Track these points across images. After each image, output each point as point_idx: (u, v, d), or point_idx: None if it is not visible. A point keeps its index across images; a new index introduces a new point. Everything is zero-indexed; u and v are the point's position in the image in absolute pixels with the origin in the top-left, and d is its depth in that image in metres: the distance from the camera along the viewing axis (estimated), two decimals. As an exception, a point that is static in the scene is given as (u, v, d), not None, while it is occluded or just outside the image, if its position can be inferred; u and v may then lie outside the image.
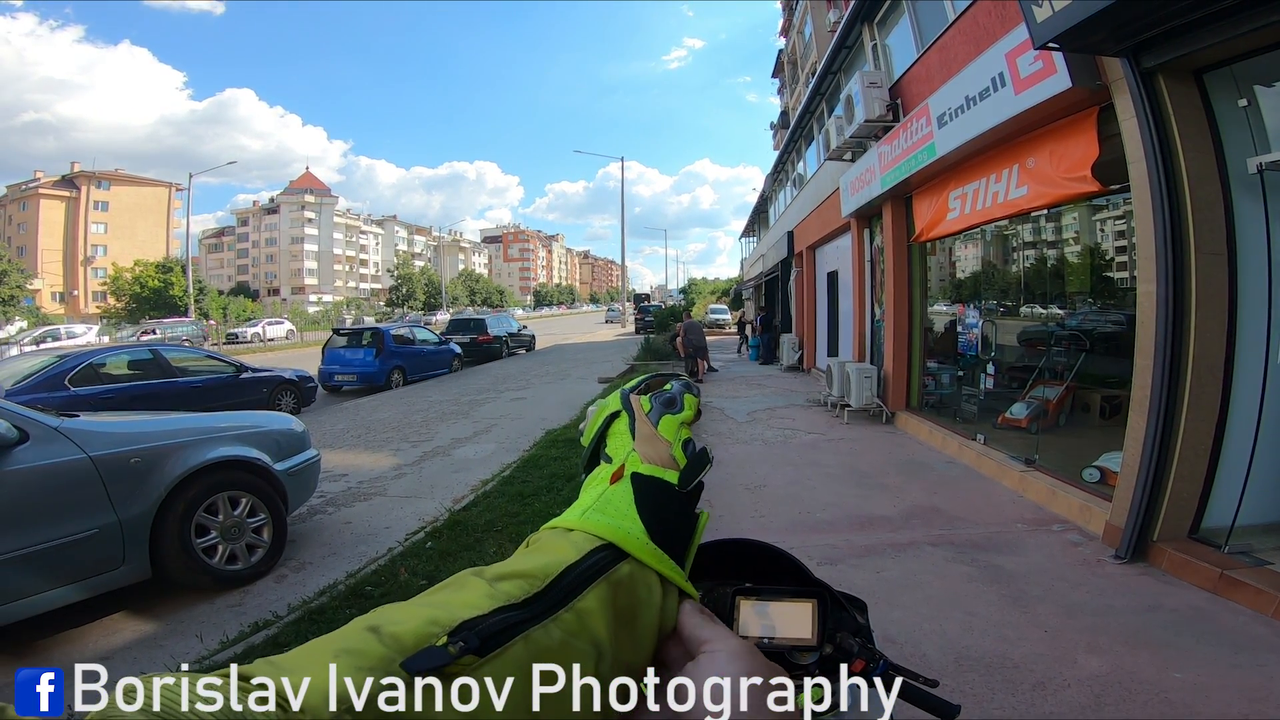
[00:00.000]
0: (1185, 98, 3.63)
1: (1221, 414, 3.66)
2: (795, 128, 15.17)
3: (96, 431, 3.27)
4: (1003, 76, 4.88)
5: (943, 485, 5.53)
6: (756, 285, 24.61)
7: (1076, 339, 5.34)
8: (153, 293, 46.08)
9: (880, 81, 8.19)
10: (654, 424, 0.57)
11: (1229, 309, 3.60)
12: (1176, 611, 3.19)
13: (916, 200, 7.53)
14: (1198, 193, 3.57)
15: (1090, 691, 2.55)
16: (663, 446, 0.56)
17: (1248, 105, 3.49)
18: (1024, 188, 5.27)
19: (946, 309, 7.70)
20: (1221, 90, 3.60)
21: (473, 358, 17.79)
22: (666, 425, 0.56)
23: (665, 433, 0.56)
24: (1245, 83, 3.52)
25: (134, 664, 2.81)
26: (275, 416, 4.64)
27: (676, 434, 0.56)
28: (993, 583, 3.59)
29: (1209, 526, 3.70)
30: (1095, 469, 4.64)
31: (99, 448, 3.16)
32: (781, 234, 17.45)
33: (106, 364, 7.95)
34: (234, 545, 3.68)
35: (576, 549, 0.47)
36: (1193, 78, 3.65)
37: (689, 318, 16.58)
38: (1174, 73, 3.63)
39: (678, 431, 0.56)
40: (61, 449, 3.05)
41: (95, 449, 3.14)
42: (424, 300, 73.62)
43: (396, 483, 5.74)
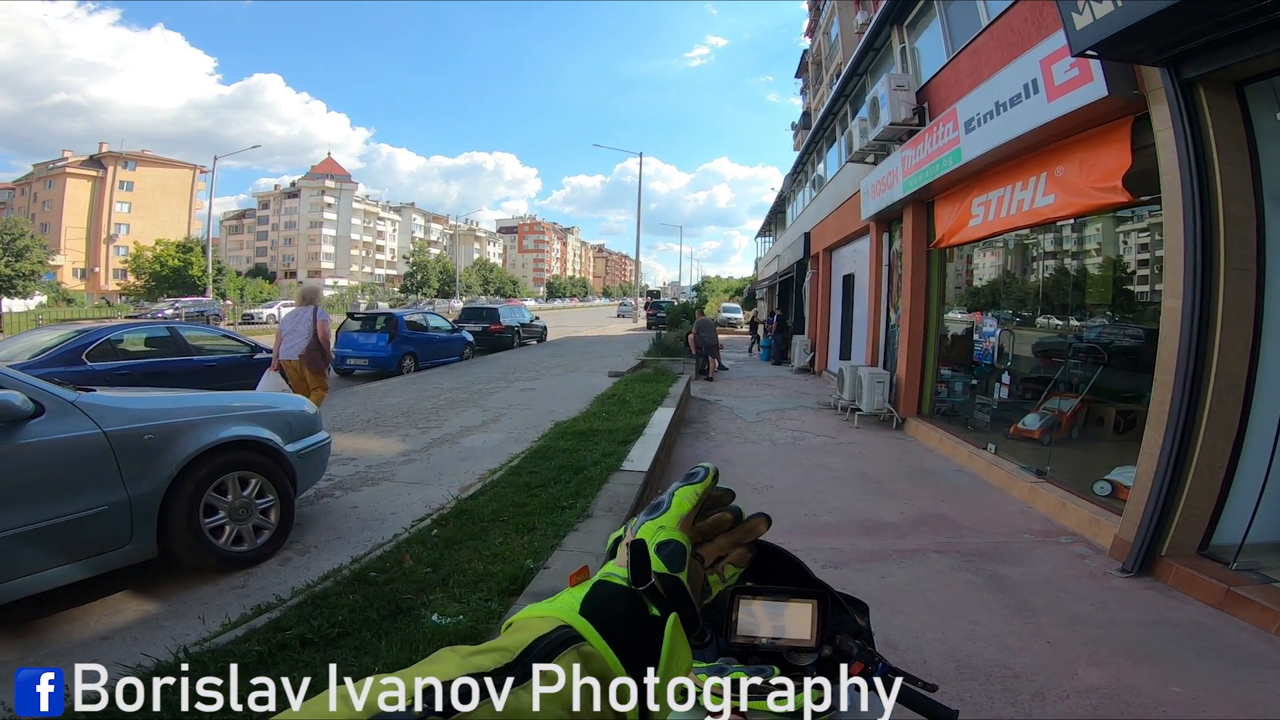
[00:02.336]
0: (1225, 110, 3.55)
1: (1239, 433, 3.60)
2: (817, 129, 15.05)
3: (112, 407, 3.28)
4: (1036, 83, 4.79)
5: (951, 493, 5.48)
6: (771, 285, 24.50)
7: (1094, 352, 5.27)
8: (173, 272, 46.65)
9: (907, 85, 8.10)
10: (634, 533, 0.56)
11: (1255, 327, 3.52)
12: (1180, 626, 3.17)
13: (939, 205, 7.44)
14: (1230, 207, 3.49)
15: (1089, 703, 2.56)
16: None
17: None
18: (1051, 196, 5.18)
19: (963, 316, 7.61)
20: (1263, 103, 3.52)
21: (484, 346, 17.82)
22: (645, 532, 0.56)
23: (642, 534, 0.56)
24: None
25: (134, 644, 2.79)
26: (287, 397, 4.66)
27: (653, 536, 0.55)
28: (998, 592, 3.56)
29: (1218, 543, 3.66)
30: (1107, 482, 4.59)
31: (114, 423, 3.17)
32: (798, 235, 17.34)
33: (124, 340, 8.02)
34: (241, 526, 3.70)
35: (548, 623, 0.48)
36: (1233, 89, 3.57)
37: (702, 315, 16.54)
38: (1214, 84, 3.55)
39: (654, 534, 0.55)
40: (77, 423, 3.06)
41: (110, 425, 3.15)
42: (438, 288, 73.95)
43: (404, 469, 5.76)
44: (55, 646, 2.87)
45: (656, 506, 0.58)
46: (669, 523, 0.57)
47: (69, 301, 44.57)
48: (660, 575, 0.52)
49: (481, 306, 21.92)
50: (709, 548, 0.62)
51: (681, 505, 0.58)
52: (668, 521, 0.57)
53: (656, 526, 0.56)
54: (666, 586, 0.52)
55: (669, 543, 0.55)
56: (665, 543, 0.54)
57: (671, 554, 0.54)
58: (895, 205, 8.24)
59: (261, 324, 33.74)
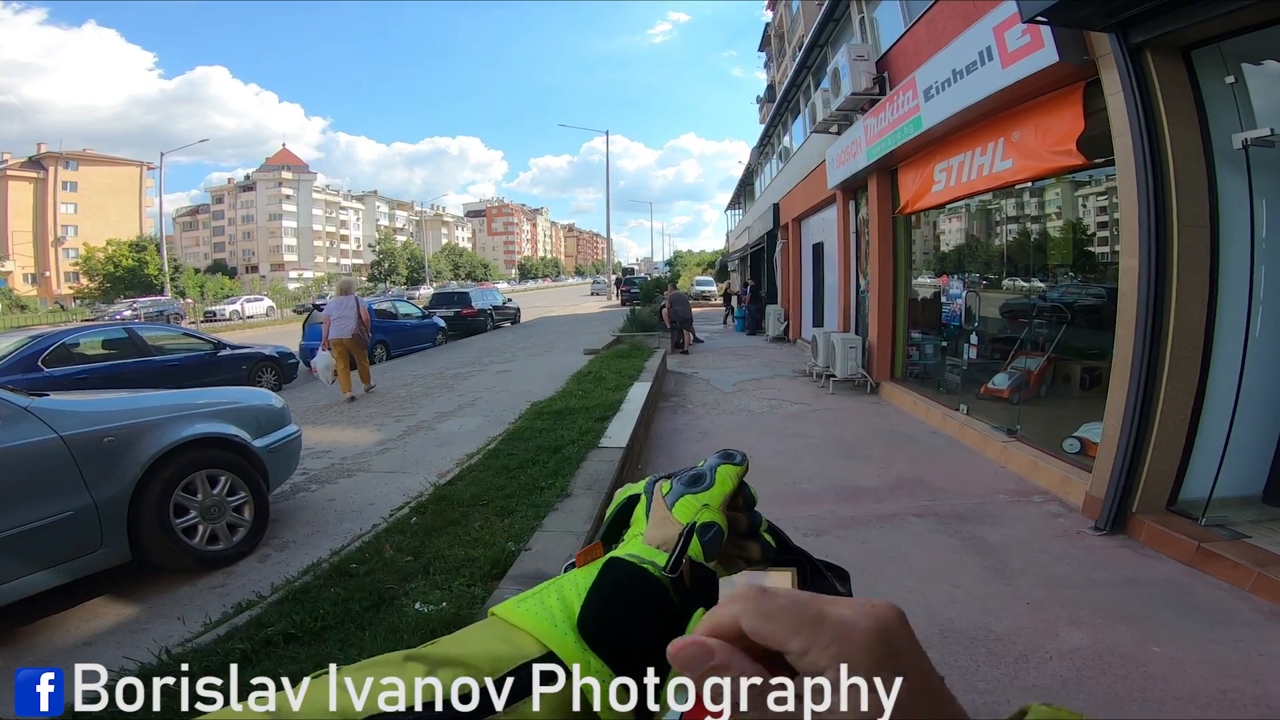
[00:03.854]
0: (1172, 74, 3.61)
1: (1200, 385, 3.69)
2: (782, 101, 15.03)
3: (67, 411, 3.19)
4: (990, 50, 4.84)
5: (927, 456, 5.59)
6: (742, 257, 24.58)
7: (1057, 311, 5.39)
8: (127, 272, 45.15)
9: (867, 55, 8.14)
10: (669, 506, 0.49)
11: (1210, 281, 3.62)
12: (1155, 585, 3.23)
13: (902, 172, 7.50)
14: (1181, 167, 3.57)
15: (1072, 664, 2.59)
16: (672, 530, 0.47)
17: (1234, 82, 3.48)
18: (1009, 161, 5.26)
19: (930, 281, 7.72)
20: (1209, 67, 3.58)
21: (457, 331, 17.64)
22: (684, 507, 0.48)
23: (681, 515, 0.48)
24: (1232, 60, 3.50)
25: (117, 648, 2.77)
26: (253, 392, 4.56)
27: (696, 514, 0.47)
28: (976, 554, 3.63)
29: (1186, 498, 3.75)
30: (1075, 439, 4.71)
31: (70, 427, 3.08)
32: (767, 206, 17.36)
33: (80, 344, 7.77)
34: (215, 525, 3.63)
35: (527, 647, 0.40)
36: (1180, 54, 3.62)
37: (674, 289, 16.54)
38: (1161, 49, 3.61)
39: (698, 512, 0.47)
40: (32, 429, 2.97)
41: (66, 429, 3.06)
42: (407, 275, 72.81)
43: (380, 458, 5.70)
44: (37, 654, 2.83)
45: (698, 480, 0.51)
46: (714, 501, 0.49)
47: (22, 308, 42.87)
48: (695, 564, 0.45)
49: (452, 291, 21.67)
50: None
51: (725, 484, 0.50)
52: (713, 500, 0.49)
53: (700, 504, 0.49)
54: (697, 578, 0.44)
55: (711, 525, 0.47)
56: (708, 525, 0.47)
57: (712, 540, 0.47)
58: (860, 174, 8.29)
59: (225, 321, 32.90)
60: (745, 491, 0.53)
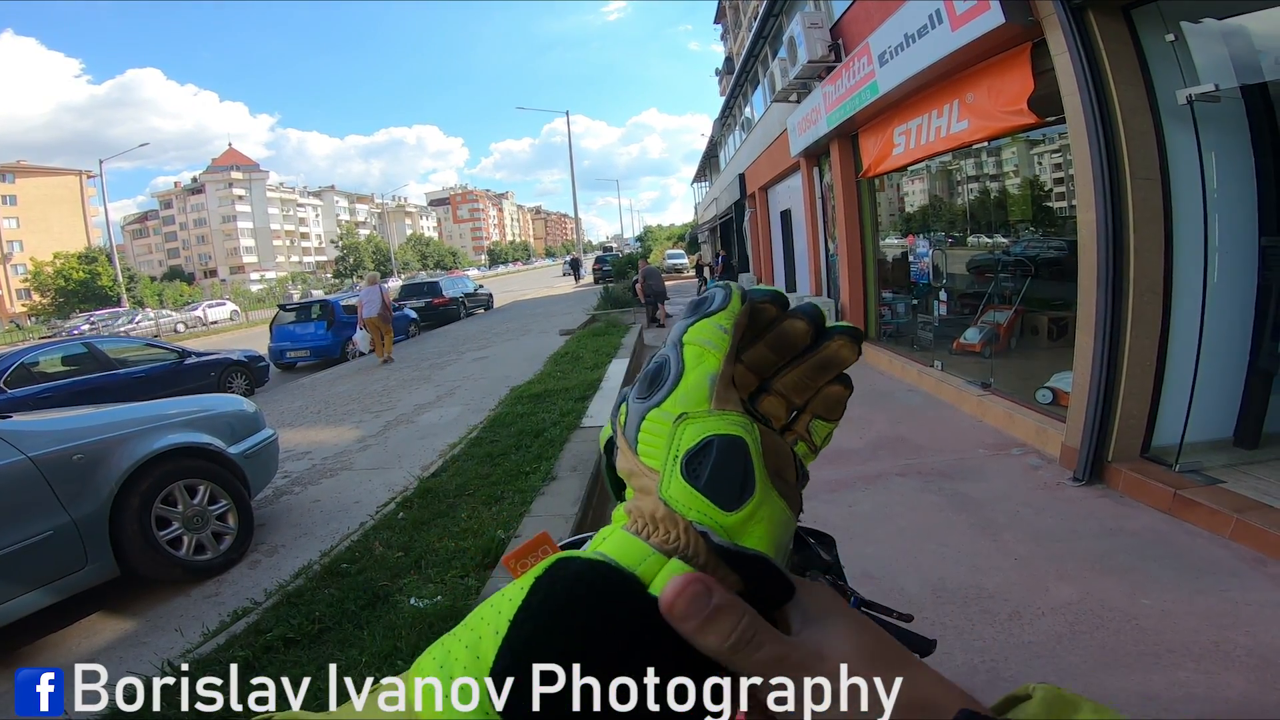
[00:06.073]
0: (1115, 33, 3.68)
1: (1164, 332, 3.78)
2: (740, 72, 14.92)
3: (33, 431, 3.12)
4: (939, 14, 4.89)
5: (906, 414, 5.68)
6: (712, 228, 24.62)
7: (1021, 265, 5.51)
8: (79, 285, 43.58)
9: (821, 22, 8.14)
10: (632, 442, 0.31)
11: (1165, 231, 3.71)
12: (1137, 535, 3.23)
13: (863, 137, 7.54)
14: (1130, 123, 3.65)
15: (1065, 620, 2.58)
16: (649, 482, 0.29)
17: (1175, 40, 3.54)
18: (965, 122, 5.34)
19: (898, 241, 7.82)
20: (1149, 26, 3.65)
21: (429, 321, 17.41)
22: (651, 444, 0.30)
23: (651, 451, 0.30)
24: (1172, 19, 3.56)
25: (119, 663, 2.75)
26: (224, 399, 4.47)
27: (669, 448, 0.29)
28: (961, 511, 3.66)
29: (1160, 445, 3.82)
30: (1048, 389, 4.80)
31: (37, 447, 3.01)
32: (733, 177, 17.33)
33: (40, 362, 7.56)
34: (199, 534, 3.59)
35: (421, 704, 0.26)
36: (1121, 13, 3.68)
37: (646, 264, 16.50)
38: (1103, 9, 3.66)
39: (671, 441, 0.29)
40: (-1, 452, 2.90)
41: (33, 449, 2.99)
42: (373, 268, 71.40)
43: (362, 455, 5.66)
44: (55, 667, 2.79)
45: (659, 372, 0.32)
46: (693, 402, 0.30)
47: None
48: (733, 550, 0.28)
49: (422, 281, 21.36)
50: (776, 392, 0.36)
51: (706, 361, 0.31)
52: (690, 401, 0.30)
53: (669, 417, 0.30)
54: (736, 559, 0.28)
55: (712, 441, 0.29)
56: (703, 444, 0.29)
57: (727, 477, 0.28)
58: (822, 140, 8.31)
59: (190, 329, 31.94)
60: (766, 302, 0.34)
